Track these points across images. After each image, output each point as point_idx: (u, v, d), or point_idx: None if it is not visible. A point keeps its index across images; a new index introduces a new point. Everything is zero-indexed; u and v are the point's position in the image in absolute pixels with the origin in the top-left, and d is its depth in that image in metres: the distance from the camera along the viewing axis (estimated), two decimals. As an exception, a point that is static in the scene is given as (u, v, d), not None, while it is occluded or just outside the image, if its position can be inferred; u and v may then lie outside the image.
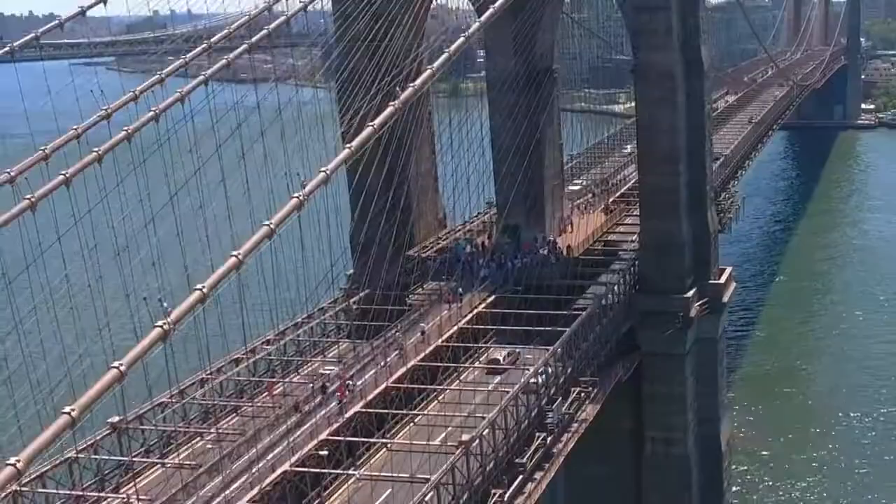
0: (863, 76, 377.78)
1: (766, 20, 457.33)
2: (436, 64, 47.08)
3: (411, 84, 44.23)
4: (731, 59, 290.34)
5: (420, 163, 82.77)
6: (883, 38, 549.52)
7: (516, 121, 78.67)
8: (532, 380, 59.11)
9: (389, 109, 41.99)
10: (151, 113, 45.64)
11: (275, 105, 54.17)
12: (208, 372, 58.47)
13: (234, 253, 33.04)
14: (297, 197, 35.67)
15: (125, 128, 44.42)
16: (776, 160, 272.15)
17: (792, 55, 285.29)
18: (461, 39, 49.17)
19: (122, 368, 28.51)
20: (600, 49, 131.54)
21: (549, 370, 61.83)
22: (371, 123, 40.52)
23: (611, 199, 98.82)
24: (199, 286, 31.34)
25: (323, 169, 37.55)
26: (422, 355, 63.20)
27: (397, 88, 43.82)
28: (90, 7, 59.73)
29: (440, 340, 65.79)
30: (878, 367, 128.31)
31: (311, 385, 58.78)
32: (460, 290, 73.09)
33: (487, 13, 52.63)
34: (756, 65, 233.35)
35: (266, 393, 60.89)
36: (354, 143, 39.70)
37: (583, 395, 66.19)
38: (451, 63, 75.46)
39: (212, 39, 59.04)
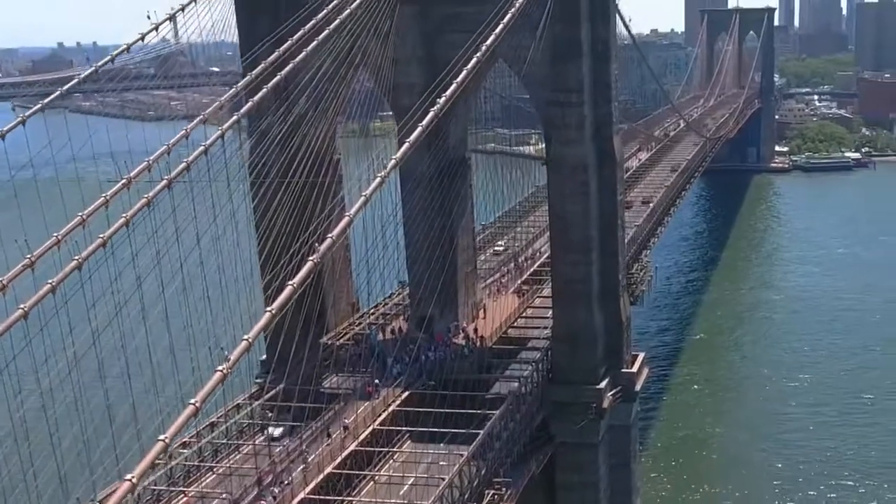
0: (777, 116, 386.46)
1: (680, 59, 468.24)
2: (352, 210, 49.44)
3: (329, 235, 46.44)
4: (644, 101, 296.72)
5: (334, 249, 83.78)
6: (797, 76, 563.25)
7: (429, 211, 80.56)
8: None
9: (309, 265, 44.10)
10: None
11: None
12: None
13: (161, 437, 34.98)
14: (221, 370, 37.58)
15: (49, 281, 46.24)
16: (688, 206, 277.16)
17: (705, 101, 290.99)
18: (377, 181, 51.40)
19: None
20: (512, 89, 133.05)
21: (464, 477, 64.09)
22: (291, 282, 42.56)
23: (523, 278, 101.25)
24: (128, 476, 33.28)
25: (245, 337, 39.54)
26: (337, 461, 64.88)
27: (315, 244, 45.89)
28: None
29: (355, 444, 67.53)
30: (793, 433, 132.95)
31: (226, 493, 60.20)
32: (377, 381, 74.98)
33: (403, 148, 55.00)
34: (668, 114, 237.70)
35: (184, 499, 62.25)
36: (275, 304, 41.74)
37: (496, 497, 68.48)
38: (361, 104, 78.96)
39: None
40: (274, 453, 64.24)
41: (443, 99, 58.80)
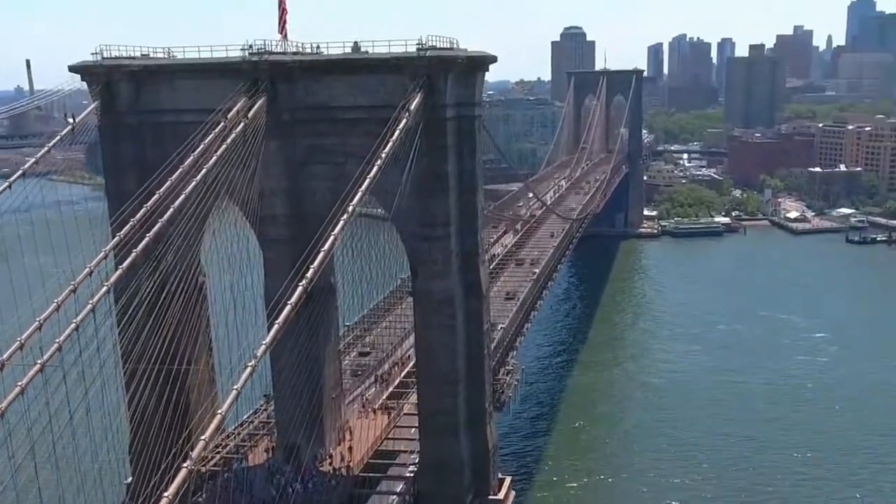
0: (645, 177, 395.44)
1: (546, 116, 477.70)
2: (224, 407, 52.70)
3: (203, 438, 49.80)
4: (510, 160, 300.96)
5: (199, 359, 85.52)
6: (666, 131, 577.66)
7: (293, 341, 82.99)
8: None
9: (183, 472, 47.33)
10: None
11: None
12: None
13: None
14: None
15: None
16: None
17: (572, 171, 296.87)
18: (248, 370, 54.75)
19: None
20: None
21: None
22: (166, 494, 45.79)
23: (389, 391, 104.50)
24: None
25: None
26: None
27: (190, 451, 49.06)
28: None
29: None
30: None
31: None
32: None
33: (273, 331, 58.57)
34: (535, 186, 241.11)
35: None
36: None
37: None
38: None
39: None
40: None
41: (311, 272, 62.49)
